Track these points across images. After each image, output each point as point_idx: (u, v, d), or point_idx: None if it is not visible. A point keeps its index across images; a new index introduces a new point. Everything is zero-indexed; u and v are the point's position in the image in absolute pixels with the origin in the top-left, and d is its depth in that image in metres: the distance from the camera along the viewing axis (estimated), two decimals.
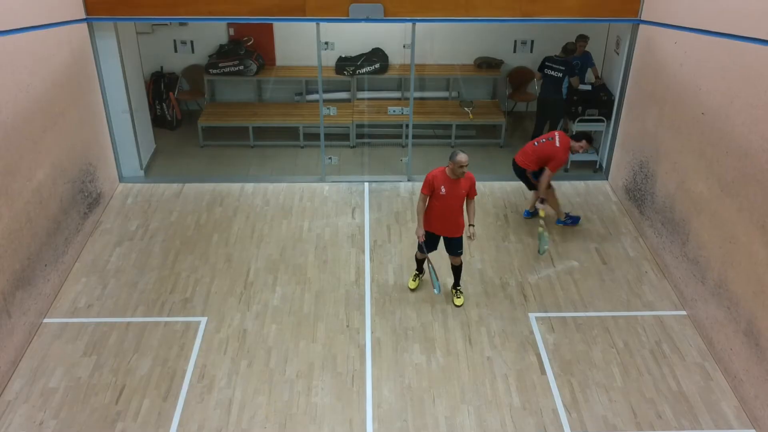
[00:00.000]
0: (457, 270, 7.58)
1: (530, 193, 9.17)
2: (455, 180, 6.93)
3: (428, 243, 7.33)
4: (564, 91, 10.25)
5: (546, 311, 7.52)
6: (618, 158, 9.79)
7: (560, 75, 10.12)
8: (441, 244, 7.44)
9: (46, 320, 7.25)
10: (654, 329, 7.25)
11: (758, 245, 6.07)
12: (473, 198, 7.20)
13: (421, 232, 7.19)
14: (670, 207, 7.93)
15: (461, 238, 7.32)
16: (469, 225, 7.23)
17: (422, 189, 7.07)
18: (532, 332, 7.21)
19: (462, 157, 6.77)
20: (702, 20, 7.28)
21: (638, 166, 8.91)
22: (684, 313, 7.48)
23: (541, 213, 8.45)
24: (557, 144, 8.37)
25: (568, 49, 10.17)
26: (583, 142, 8.42)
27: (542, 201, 8.48)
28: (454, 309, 7.52)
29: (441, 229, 7.27)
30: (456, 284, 7.67)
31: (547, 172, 8.37)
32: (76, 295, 7.65)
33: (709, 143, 7.03)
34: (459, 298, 7.60)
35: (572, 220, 9.06)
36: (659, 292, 7.82)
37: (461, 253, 7.42)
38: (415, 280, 7.82)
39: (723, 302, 6.69)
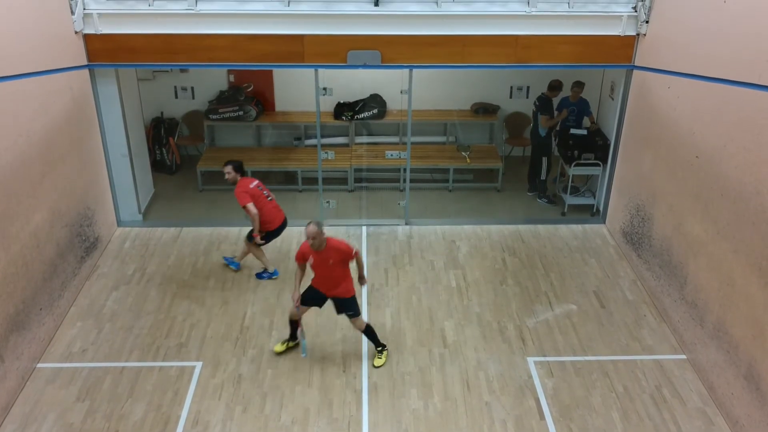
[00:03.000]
0: (367, 334, 7.29)
1: None
2: (320, 251, 6.73)
3: (311, 297, 7.09)
4: (543, 129, 10.50)
5: (545, 355, 7.45)
6: (615, 202, 9.83)
7: (537, 111, 10.47)
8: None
9: (39, 365, 7.18)
10: (654, 374, 7.18)
11: (755, 288, 6.05)
12: (354, 258, 6.85)
13: (296, 295, 6.99)
14: (668, 250, 7.93)
15: (350, 299, 7.03)
16: (359, 277, 7.14)
17: (296, 258, 6.99)
18: (530, 377, 7.13)
19: (309, 229, 6.54)
20: (694, 65, 7.39)
21: (635, 209, 8.94)
22: (684, 357, 7.41)
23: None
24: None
25: (552, 86, 10.38)
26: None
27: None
28: (451, 353, 7.45)
29: (327, 291, 7.03)
30: (375, 346, 7.36)
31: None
32: (70, 339, 7.59)
33: (704, 186, 7.07)
34: (380, 358, 7.30)
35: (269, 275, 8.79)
36: (658, 335, 7.76)
37: (353, 315, 7.10)
38: (283, 344, 7.44)
39: (723, 346, 6.63)
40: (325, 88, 9.59)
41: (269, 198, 8.48)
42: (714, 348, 6.80)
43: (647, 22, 8.58)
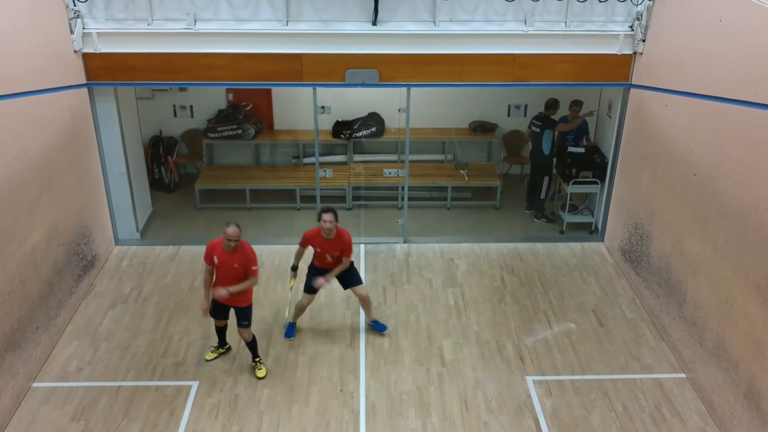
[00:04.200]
0: (249, 346, 7.33)
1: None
2: (230, 252, 6.80)
3: (217, 311, 7.19)
4: (546, 147, 10.45)
5: (543, 374, 7.40)
6: (613, 220, 9.82)
7: (538, 130, 10.45)
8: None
9: (35, 384, 7.12)
10: (653, 392, 7.13)
11: (754, 306, 6.03)
12: (253, 276, 6.89)
13: (205, 306, 7.05)
14: (666, 268, 7.91)
15: (245, 309, 7.09)
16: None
17: (204, 257, 7.01)
18: (529, 396, 7.08)
19: (230, 230, 6.67)
20: (690, 84, 7.42)
21: (633, 227, 8.93)
22: (683, 375, 7.37)
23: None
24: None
25: (548, 104, 10.43)
26: (322, 215, 7.33)
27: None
28: (450, 372, 7.40)
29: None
30: (253, 357, 7.37)
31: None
32: (66, 358, 7.54)
33: (702, 204, 7.07)
34: (260, 369, 7.32)
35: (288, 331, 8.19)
36: (658, 354, 7.72)
37: (247, 326, 7.14)
38: (214, 353, 7.51)
39: (722, 364, 6.59)
40: (323, 107, 9.63)
41: None
42: (713, 366, 6.76)
43: (644, 41, 8.63)
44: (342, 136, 11.80)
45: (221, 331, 7.47)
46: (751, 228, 6.11)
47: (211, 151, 12.24)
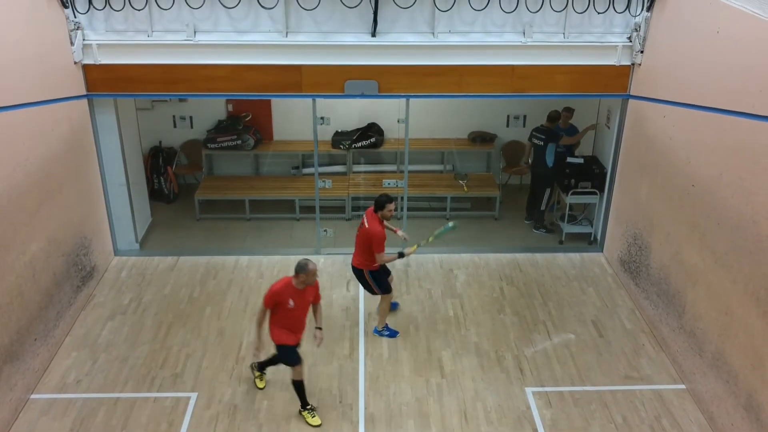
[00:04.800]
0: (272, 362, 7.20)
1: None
2: (302, 289, 6.58)
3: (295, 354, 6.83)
4: (550, 159, 10.47)
5: (543, 385, 7.39)
6: (612, 230, 9.83)
7: (542, 143, 10.45)
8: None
9: (33, 396, 7.10)
10: (653, 404, 7.11)
11: (754, 317, 6.02)
12: (318, 302, 6.89)
13: (261, 346, 6.69)
14: (665, 279, 7.91)
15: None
16: (316, 328, 6.90)
17: (264, 302, 6.58)
18: (528, 407, 7.07)
19: (312, 266, 6.47)
20: (688, 95, 7.44)
21: (632, 237, 8.94)
22: (683, 386, 7.35)
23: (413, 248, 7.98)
24: (366, 225, 7.66)
25: (551, 117, 10.45)
26: (387, 205, 7.62)
27: (401, 255, 7.84)
28: (449, 383, 7.39)
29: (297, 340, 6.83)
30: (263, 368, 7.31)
31: (376, 256, 7.69)
32: (65, 370, 7.52)
33: (701, 215, 7.07)
34: (261, 381, 7.33)
35: (389, 333, 8.23)
36: (657, 365, 7.70)
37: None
38: (315, 416, 6.91)
39: (722, 375, 6.58)
40: (322, 118, 9.65)
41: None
42: (713, 378, 6.75)
43: (642, 52, 8.66)
44: (341, 146, 11.82)
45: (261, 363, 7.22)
46: (750, 239, 6.11)
47: (211, 161, 12.26)
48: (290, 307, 6.53)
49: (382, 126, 11.96)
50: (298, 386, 6.82)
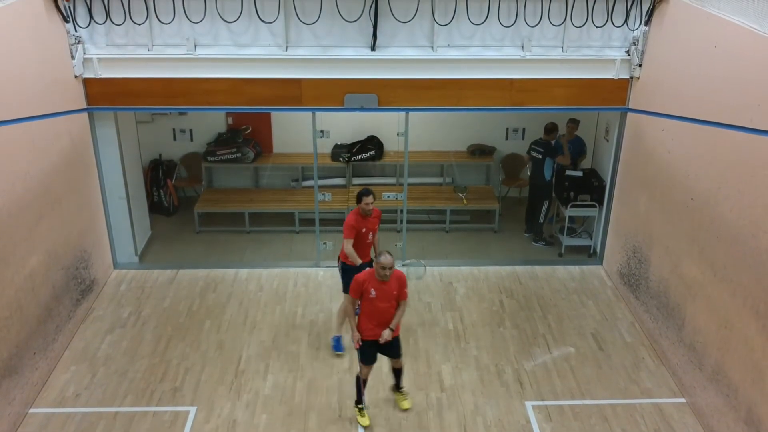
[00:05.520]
0: (400, 373, 7.23)
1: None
2: (384, 281, 6.62)
3: (370, 355, 6.89)
4: (548, 172, 10.49)
5: (543, 399, 7.37)
6: (611, 243, 9.83)
7: (540, 156, 10.49)
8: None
9: (32, 410, 7.08)
10: (653, 417, 7.09)
11: (753, 331, 6.02)
12: (405, 299, 6.84)
13: (357, 335, 6.77)
14: (665, 292, 7.91)
15: (398, 336, 6.93)
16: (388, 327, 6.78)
17: (350, 292, 6.72)
18: (528, 421, 7.05)
19: (385, 258, 6.50)
20: (687, 109, 7.47)
21: (631, 250, 8.94)
22: (683, 400, 7.34)
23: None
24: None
25: (548, 129, 10.46)
26: (364, 198, 7.67)
27: (363, 266, 7.62)
28: (449, 397, 7.37)
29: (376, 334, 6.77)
30: (400, 386, 7.28)
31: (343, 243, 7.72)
32: (64, 383, 7.51)
33: (700, 228, 7.08)
34: (406, 400, 7.23)
35: (335, 344, 8.14)
36: (657, 379, 7.69)
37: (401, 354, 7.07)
38: (364, 415, 6.98)
39: (722, 389, 6.57)
40: (322, 131, 9.67)
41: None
42: (713, 392, 6.74)
43: (640, 65, 8.70)
44: (341, 159, 11.84)
45: (365, 384, 7.00)
46: (749, 253, 6.12)
47: (211, 174, 12.27)
48: (372, 297, 6.66)
49: (381, 139, 11.99)
50: (357, 382, 6.97)
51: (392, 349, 6.95)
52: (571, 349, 8.21)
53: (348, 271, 7.70)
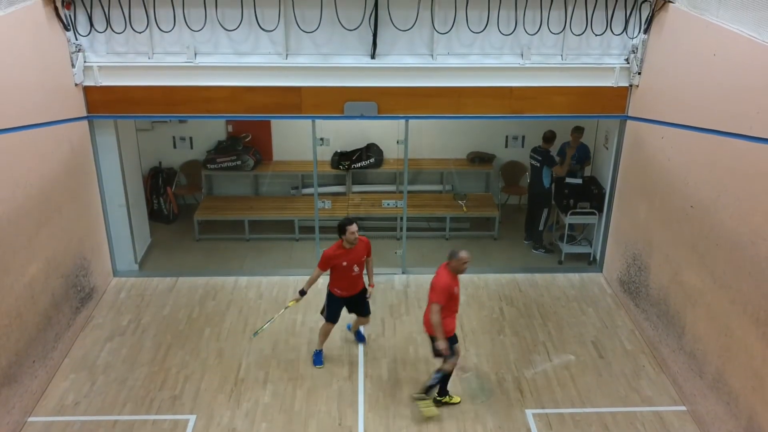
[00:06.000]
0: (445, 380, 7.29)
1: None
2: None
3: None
4: (547, 180, 10.50)
5: (543, 407, 7.35)
6: (611, 250, 9.83)
7: (538, 164, 10.50)
8: None
9: (31, 419, 7.06)
10: (654, 425, 7.08)
11: (753, 338, 6.02)
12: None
13: (446, 344, 6.87)
14: (665, 299, 7.90)
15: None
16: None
17: (437, 298, 6.84)
18: (529, 429, 7.03)
19: (464, 253, 6.94)
20: (686, 116, 7.48)
21: (631, 258, 8.94)
22: (684, 408, 7.32)
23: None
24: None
25: (546, 137, 10.47)
26: (347, 228, 7.29)
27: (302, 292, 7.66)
28: (448, 405, 7.35)
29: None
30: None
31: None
32: (63, 392, 7.49)
33: (700, 236, 7.08)
34: (452, 398, 7.41)
35: (316, 358, 8.05)
36: (658, 386, 7.67)
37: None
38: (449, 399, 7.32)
39: (722, 397, 6.56)
40: (322, 139, 9.69)
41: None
42: (713, 399, 6.72)
43: (639, 73, 8.72)
44: (341, 167, 11.85)
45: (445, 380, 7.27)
46: (749, 261, 6.12)
47: (210, 182, 12.28)
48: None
49: (381, 146, 12.00)
50: (443, 377, 7.20)
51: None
52: (571, 356, 8.20)
53: (329, 300, 7.83)
